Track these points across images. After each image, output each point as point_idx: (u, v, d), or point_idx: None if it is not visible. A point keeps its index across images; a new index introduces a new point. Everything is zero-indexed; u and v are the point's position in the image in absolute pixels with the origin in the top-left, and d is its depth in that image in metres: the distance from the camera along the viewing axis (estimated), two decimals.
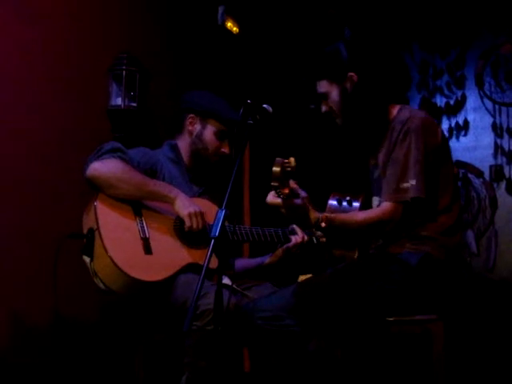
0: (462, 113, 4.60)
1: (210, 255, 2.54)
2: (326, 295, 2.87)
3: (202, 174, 3.52)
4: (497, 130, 4.48)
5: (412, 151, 2.86)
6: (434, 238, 2.90)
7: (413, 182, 2.84)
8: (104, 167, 3.20)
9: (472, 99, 4.59)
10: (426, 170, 2.86)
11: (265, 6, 4.93)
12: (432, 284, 2.89)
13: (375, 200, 3.07)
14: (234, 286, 3.09)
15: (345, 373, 2.84)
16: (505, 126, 4.46)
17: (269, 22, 4.97)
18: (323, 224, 2.84)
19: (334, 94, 3.06)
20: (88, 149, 3.93)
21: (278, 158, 2.76)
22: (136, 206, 3.24)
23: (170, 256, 3.17)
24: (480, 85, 4.52)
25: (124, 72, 4.13)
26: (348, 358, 2.89)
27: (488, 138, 4.52)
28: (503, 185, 4.46)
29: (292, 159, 2.77)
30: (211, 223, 3.16)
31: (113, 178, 3.19)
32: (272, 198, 2.87)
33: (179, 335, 3.01)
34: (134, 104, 4.17)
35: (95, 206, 3.16)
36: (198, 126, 3.54)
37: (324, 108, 3.11)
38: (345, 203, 3.05)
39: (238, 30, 4.80)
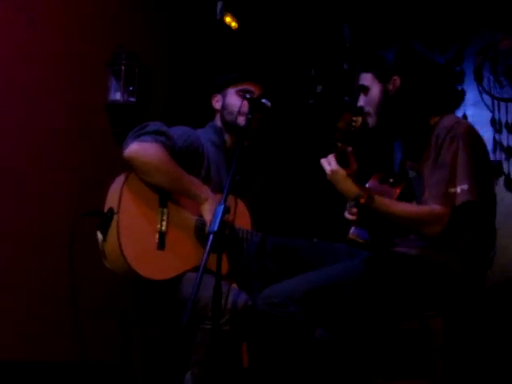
0: (461, 108, 4.59)
1: (210, 250, 2.55)
2: (334, 291, 2.85)
3: (240, 161, 3.46)
4: (496, 125, 4.47)
5: (460, 155, 2.82)
6: (467, 252, 2.88)
7: (463, 186, 2.78)
8: (143, 151, 3.11)
9: (471, 94, 4.57)
10: (475, 173, 2.82)
11: (264, 1, 4.93)
12: (446, 293, 2.89)
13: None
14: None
15: (345, 367, 2.83)
16: (504, 121, 4.45)
17: (268, 18, 4.97)
18: (362, 200, 2.78)
19: (375, 91, 3.02)
20: (87, 143, 3.96)
21: (346, 114, 2.80)
22: (164, 195, 3.18)
23: (181, 255, 3.14)
24: (479, 80, 4.51)
25: (123, 67, 4.15)
26: (348, 353, 2.88)
27: (487, 134, 4.48)
28: (502, 181, 4.45)
29: (359, 119, 2.82)
30: (237, 226, 3.23)
31: (149, 165, 3.12)
32: (331, 155, 2.84)
33: (181, 329, 3.01)
34: (133, 99, 4.18)
35: (122, 188, 3.10)
36: (221, 100, 3.54)
37: (361, 102, 3.05)
38: (387, 184, 2.99)
39: (236, 25, 4.79)
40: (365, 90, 3.05)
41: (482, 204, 2.86)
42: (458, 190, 2.79)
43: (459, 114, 4.58)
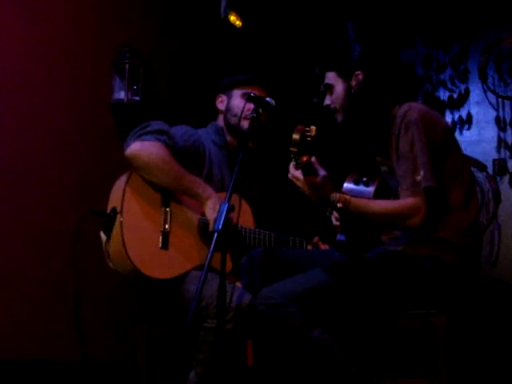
0: (466, 106, 4.59)
1: (214, 248, 2.55)
2: (333, 290, 2.87)
3: (244, 160, 3.45)
4: (500, 123, 4.47)
5: (415, 143, 2.84)
6: (448, 240, 2.87)
7: (421, 172, 2.81)
8: (145, 151, 3.12)
9: (475, 93, 4.57)
10: (433, 159, 2.84)
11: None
12: (443, 287, 2.89)
13: None
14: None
15: (346, 365, 2.83)
16: (508, 119, 4.45)
17: (272, 16, 4.97)
18: (339, 204, 2.81)
19: (339, 88, 3.08)
20: (91, 142, 3.96)
21: (299, 126, 2.75)
22: (166, 194, 3.19)
23: (185, 254, 3.15)
24: (483, 78, 4.51)
25: (127, 65, 4.14)
26: (350, 350, 2.88)
27: (491, 132, 4.51)
28: (506, 179, 4.45)
29: (313, 128, 2.75)
30: (241, 225, 3.23)
31: (151, 164, 3.12)
32: (292, 170, 2.86)
33: (186, 328, 3.02)
34: (137, 98, 4.17)
35: (125, 188, 3.11)
36: (225, 101, 3.54)
37: (327, 101, 3.13)
38: (361, 184, 3.03)
39: (241, 24, 4.79)
40: (330, 88, 3.12)
41: (440, 188, 2.86)
42: (420, 177, 2.82)
43: (464, 112, 4.59)
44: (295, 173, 2.85)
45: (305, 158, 2.75)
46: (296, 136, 2.71)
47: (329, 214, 2.94)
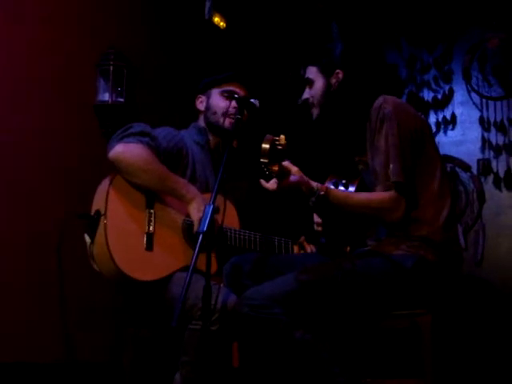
0: (450, 107, 4.60)
1: (199, 250, 2.54)
2: (316, 291, 2.86)
3: (228, 160, 3.45)
4: (484, 124, 4.48)
5: (389, 137, 2.88)
6: (428, 237, 2.87)
7: (391, 166, 2.84)
8: (128, 153, 3.12)
9: (459, 93, 4.58)
10: (404, 153, 2.87)
11: (252, 0, 4.93)
12: (425, 285, 2.89)
13: None
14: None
15: (329, 365, 2.82)
16: (492, 119, 4.46)
17: (256, 17, 4.97)
18: (322, 192, 2.83)
19: (319, 84, 3.10)
20: (75, 144, 3.94)
21: (268, 135, 2.74)
22: (150, 196, 3.18)
23: (169, 256, 3.14)
24: (467, 79, 4.52)
25: (111, 67, 4.14)
26: (336, 351, 2.87)
27: (475, 132, 4.52)
28: (490, 179, 4.46)
29: (282, 137, 2.76)
30: (226, 226, 3.23)
31: (134, 167, 3.12)
32: (264, 184, 2.88)
33: (170, 331, 3.01)
34: (122, 99, 4.17)
35: (108, 190, 3.10)
36: (205, 101, 3.56)
37: (306, 95, 3.15)
38: (341, 186, 3.04)
39: (225, 25, 4.79)
40: (309, 82, 3.14)
41: (410, 183, 2.88)
42: (390, 171, 2.85)
43: (448, 113, 4.59)
44: (267, 185, 2.89)
45: (276, 168, 2.75)
46: (266, 145, 2.71)
47: (311, 202, 2.93)
